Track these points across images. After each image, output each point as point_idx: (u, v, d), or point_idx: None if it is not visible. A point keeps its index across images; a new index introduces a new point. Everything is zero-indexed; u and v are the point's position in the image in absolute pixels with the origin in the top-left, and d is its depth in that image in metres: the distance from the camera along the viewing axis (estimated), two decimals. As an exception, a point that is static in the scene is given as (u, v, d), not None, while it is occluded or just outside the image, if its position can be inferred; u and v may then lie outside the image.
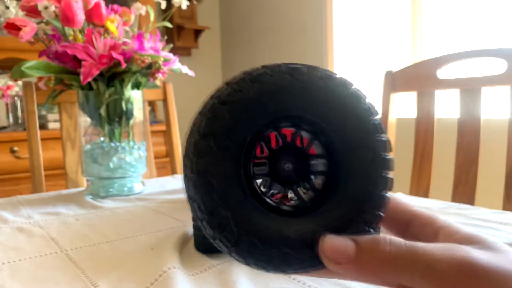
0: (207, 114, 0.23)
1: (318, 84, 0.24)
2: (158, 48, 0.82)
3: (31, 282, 0.44)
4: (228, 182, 0.23)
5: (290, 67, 0.24)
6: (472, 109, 0.91)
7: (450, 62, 0.95)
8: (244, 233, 0.23)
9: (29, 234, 0.60)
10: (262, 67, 0.24)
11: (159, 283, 0.41)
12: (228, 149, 0.23)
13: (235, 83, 0.24)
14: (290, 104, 0.24)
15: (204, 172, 0.23)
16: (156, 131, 2.12)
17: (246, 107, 0.23)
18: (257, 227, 0.23)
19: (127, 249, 0.53)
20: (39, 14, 0.77)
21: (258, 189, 0.25)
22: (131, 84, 0.83)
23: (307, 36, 2.45)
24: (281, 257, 0.23)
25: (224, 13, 3.05)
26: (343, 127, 0.24)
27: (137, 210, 0.72)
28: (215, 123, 0.23)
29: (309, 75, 0.24)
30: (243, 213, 0.23)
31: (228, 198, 0.23)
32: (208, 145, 0.23)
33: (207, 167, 0.23)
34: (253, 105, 0.23)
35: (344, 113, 0.24)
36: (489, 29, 1.71)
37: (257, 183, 0.25)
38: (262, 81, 0.24)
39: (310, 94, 0.24)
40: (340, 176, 0.24)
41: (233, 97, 0.23)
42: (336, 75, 0.25)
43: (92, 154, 0.82)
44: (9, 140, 1.85)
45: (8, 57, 1.93)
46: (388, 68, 1.10)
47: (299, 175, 0.26)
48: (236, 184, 0.23)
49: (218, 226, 0.23)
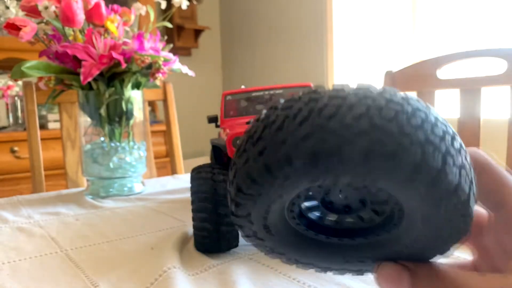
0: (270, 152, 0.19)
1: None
2: (158, 48, 0.82)
3: (31, 282, 0.44)
4: (278, 229, 0.23)
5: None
6: (472, 109, 0.91)
7: (450, 62, 0.96)
8: (305, 264, 0.24)
9: (29, 234, 0.60)
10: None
11: (159, 283, 0.41)
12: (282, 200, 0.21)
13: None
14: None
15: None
16: (156, 131, 2.13)
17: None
18: (315, 258, 0.24)
19: (127, 249, 0.53)
20: (39, 14, 0.77)
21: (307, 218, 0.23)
22: (131, 84, 0.83)
23: (307, 36, 2.45)
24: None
25: (224, 13, 3.05)
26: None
27: (137, 210, 0.72)
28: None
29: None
30: (299, 252, 0.24)
31: (282, 243, 0.23)
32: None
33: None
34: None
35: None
36: (489, 29, 1.71)
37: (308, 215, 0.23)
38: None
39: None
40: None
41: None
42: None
43: (92, 154, 0.82)
44: (9, 140, 1.85)
45: (8, 57, 1.93)
46: (388, 68, 1.10)
47: (356, 203, 0.23)
48: (288, 232, 0.23)
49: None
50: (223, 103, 0.61)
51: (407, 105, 0.18)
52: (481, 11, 1.73)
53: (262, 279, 0.42)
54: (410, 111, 0.18)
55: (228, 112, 0.60)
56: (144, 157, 0.87)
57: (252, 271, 0.45)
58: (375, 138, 0.17)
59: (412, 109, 0.18)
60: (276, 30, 2.65)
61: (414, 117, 0.18)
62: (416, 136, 0.17)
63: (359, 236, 0.23)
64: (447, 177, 0.18)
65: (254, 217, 0.21)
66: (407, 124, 0.17)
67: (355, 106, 0.18)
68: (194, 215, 0.48)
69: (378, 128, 0.17)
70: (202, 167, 0.50)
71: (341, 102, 0.18)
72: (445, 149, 0.18)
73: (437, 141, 0.18)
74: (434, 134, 0.18)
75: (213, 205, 0.47)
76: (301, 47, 2.50)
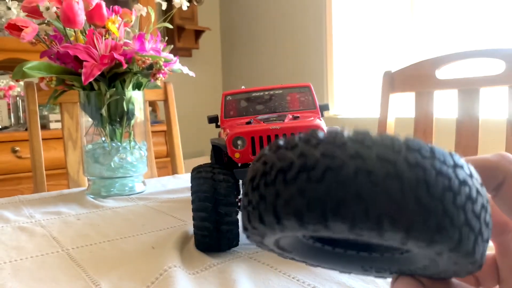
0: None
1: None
2: (159, 48, 0.82)
3: (32, 281, 0.44)
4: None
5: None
6: (470, 109, 0.91)
7: (449, 62, 0.96)
8: (326, 268, 0.24)
9: (30, 233, 0.60)
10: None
11: (160, 282, 0.42)
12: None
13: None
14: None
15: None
16: (157, 131, 2.13)
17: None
18: (335, 265, 0.23)
19: (128, 248, 0.54)
20: (40, 15, 0.77)
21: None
22: (132, 85, 0.83)
23: (307, 37, 2.45)
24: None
25: (224, 14, 3.05)
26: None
27: (138, 210, 0.72)
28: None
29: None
30: (318, 261, 0.23)
31: (301, 256, 0.23)
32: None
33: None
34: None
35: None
36: (487, 29, 1.71)
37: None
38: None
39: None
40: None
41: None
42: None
43: (94, 154, 0.83)
44: (11, 140, 1.85)
45: (9, 57, 1.93)
46: (386, 68, 1.10)
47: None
48: (304, 248, 0.23)
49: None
50: (223, 103, 0.61)
51: (455, 179, 0.17)
52: (479, 11, 1.73)
53: (262, 278, 0.43)
54: (457, 187, 0.17)
55: (228, 112, 0.61)
56: (145, 157, 0.87)
57: (252, 270, 0.45)
58: (416, 216, 0.16)
59: (459, 183, 0.17)
60: (276, 31, 2.65)
61: (459, 195, 0.17)
62: (458, 217, 0.17)
63: (375, 251, 0.23)
64: (473, 253, 0.18)
65: (267, 242, 0.21)
66: (452, 204, 0.16)
67: (400, 176, 0.16)
68: (194, 214, 0.49)
69: (422, 206, 0.16)
70: (202, 166, 0.51)
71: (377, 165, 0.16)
72: (479, 228, 0.17)
73: (474, 222, 0.17)
74: (474, 213, 0.17)
75: (213, 204, 0.47)
76: (300, 47, 2.50)
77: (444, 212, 0.16)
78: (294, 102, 0.61)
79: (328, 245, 0.23)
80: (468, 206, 0.17)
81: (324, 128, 0.49)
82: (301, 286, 0.41)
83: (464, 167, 0.18)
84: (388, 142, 0.17)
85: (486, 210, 0.18)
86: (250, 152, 0.48)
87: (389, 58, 2.08)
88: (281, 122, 0.50)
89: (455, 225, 0.17)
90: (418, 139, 0.17)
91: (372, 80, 2.12)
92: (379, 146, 0.17)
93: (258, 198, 0.18)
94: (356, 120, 2.16)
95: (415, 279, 0.22)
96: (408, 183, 0.16)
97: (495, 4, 1.69)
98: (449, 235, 0.16)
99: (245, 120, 0.56)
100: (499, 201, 0.22)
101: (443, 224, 0.16)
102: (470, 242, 0.17)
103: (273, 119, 0.54)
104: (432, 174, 0.16)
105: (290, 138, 0.18)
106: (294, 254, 0.23)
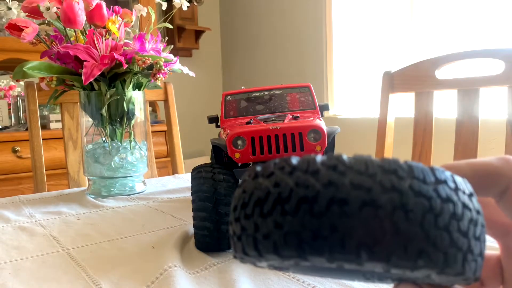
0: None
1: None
2: (159, 49, 0.83)
3: (33, 281, 0.44)
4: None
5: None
6: (470, 109, 0.91)
7: (448, 62, 0.96)
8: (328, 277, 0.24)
9: (31, 233, 0.60)
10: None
11: (160, 281, 0.42)
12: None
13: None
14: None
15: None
16: (157, 131, 2.13)
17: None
18: (337, 276, 0.23)
19: (128, 248, 0.54)
20: (41, 15, 0.77)
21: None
22: (132, 85, 0.83)
23: (307, 37, 2.45)
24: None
25: (225, 14, 3.05)
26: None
27: (138, 209, 0.72)
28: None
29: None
30: (319, 274, 0.22)
31: (301, 271, 0.22)
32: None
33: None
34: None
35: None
36: (487, 29, 1.71)
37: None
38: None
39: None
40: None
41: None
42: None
43: (94, 154, 0.83)
44: (11, 140, 1.85)
45: (10, 57, 1.93)
46: (386, 68, 1.10)
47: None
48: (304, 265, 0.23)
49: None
50: (223, 103, 0.61)
51: (436, 198, 0.16)
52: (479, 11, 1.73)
53: (262, 278, 0.43)
54: (439, 207, 0.16)
55: (228, 112, 0.61)
56: (145, 156, 0.87)
57: (252, 269, 0.45)
58: (395, 244, 0.15)
59: (441, 202, 0.16)
60: (276, 31, 2.65)
61: (442, 215, 0.16)
62: (441, 240, 0.16)
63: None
64: (463, 272, 0.17)
65: (261, 265, 0.20)
66: (434, 226, 0.16)
67: (378, 201, 0.16)
68: (194, 214, 0.49)
69: (401, 233, 0.15)
70: (202, 166, 0.51)
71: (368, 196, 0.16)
72: (467, 246, 0.17)
73: (461, 241, 0.16)
74: (460, 231, 0.16)
75: (213, 204, 0.47)
76: (300, 47, 2.50)
77: (425, 237, 0.16)
78: (294, 102, 0.61)
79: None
80: (452, 225, 0.16)
81: (324, 128, 0.49)
82: (301, 286, 0.41)
83: (448, 181, 0.17)
84: (362, 166, 0.16)
85: (476, 223, 0.17)
86: (250, 152, 0.48)
87: (389, 58, 2.08)
88: (281, 122, 0.50)
89: (439, 248, 0.16)
90: (395, 159, 0.16)
91: (372, 80, 2.12)
92: (353, 171, 0.16)
93: (240, 231, 0.18)
94: (356, 120, 2.16)
95: (416, 285, 0.21)
96: (384, 210, 0.15)
97: (495, 4, 1.69)
98: (432, 259, 0.16)
99: (245, 120, 0.56)
100: (503, 206, 0.22)
101: (426, 249, 0.16)
102: (458, 262, 0.16)
103: (273, 119, 0.54)
104: (409, 197, 0.16)
105: (266, 165, 0.18)
106: (293, 271, 0.22)
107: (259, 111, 0.60)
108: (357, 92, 2.25)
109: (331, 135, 0.51)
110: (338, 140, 0.67)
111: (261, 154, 0.48)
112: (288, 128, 0.48)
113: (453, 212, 0.16)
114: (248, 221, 0.17)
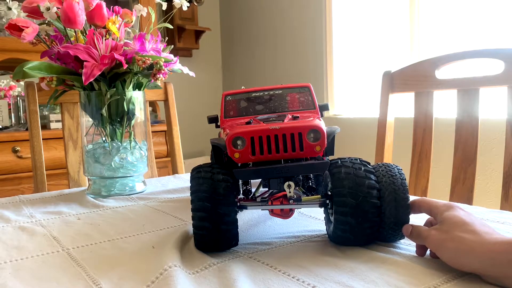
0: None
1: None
2: (159, 49, 0.83)
3: (33, 281, 0.44)
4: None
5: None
6: (470, 109, 0.91)
7: (448, 62, 0.96)
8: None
9: (31, 233, 0.60)
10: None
11: (160, 281, 0.42)
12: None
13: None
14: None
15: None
16: (157, 131, 2.13)
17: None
18: None
19: (128, 247, 0.54)
20: (41, 15, 0.77)
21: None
22: (132, 85, 0.83)
23: (307, 37, 2.45)
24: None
25: (224, 14, 3.05)
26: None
27: (138, 209, 0.73)
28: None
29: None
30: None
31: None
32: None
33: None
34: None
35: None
36: (487, 30, 1.71)
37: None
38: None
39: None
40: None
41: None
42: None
43: (94, 153, 0.83)
44: (12, 140, 1.85)
45: (10, 58, 1.93)
46: (386, 68, 1.10)
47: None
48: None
49: None
50: (223, 103, 0.61)
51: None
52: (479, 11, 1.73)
53: (261, 277, 0.43)
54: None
55: (228, 112, 0.61)
56: (145, 156, 0.87)
57: (252, 269, 0.45)
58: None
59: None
60: (275, 31, 2.65)
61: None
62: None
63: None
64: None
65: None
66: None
67: None
68: (193, 214, 0.49)
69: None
70: (202, 166, 0.51)
71: None
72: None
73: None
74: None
75: (212, 204, 0.47)
76: (300, 47, 2.50)
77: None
78: (294, 102, 0.61)
79: None
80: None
81: (323, 128, 0.49)
82: (300, 286, 0.41)
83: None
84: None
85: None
86: (249, 152, 0.48)
87: (389, 58, 2.08)
88: (281, 122, 0.50)
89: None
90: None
91: (372, 80, 2.12)
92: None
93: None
94: (356, 120, 2.16)
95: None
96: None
97: (495, 4, 1.69)
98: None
99: (245, 120, 0.56)
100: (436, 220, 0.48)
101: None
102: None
103: (272, 119, 0.54)
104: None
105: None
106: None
107: (259, 111, 0.60)
108: (357, 92, 2.25)
109: (330, 135, 0.51)
110: (338, 140, 0.67)
111: (261, 154, 0.48)
112: (288, 128, 0.48)
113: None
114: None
